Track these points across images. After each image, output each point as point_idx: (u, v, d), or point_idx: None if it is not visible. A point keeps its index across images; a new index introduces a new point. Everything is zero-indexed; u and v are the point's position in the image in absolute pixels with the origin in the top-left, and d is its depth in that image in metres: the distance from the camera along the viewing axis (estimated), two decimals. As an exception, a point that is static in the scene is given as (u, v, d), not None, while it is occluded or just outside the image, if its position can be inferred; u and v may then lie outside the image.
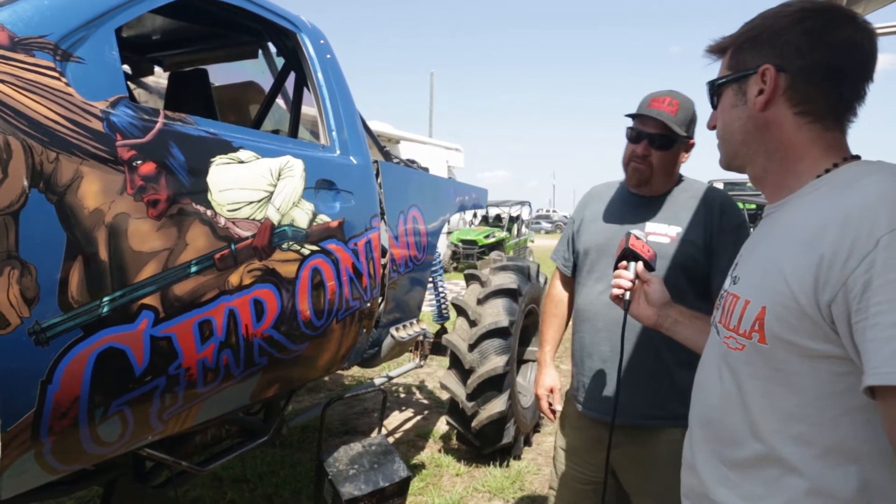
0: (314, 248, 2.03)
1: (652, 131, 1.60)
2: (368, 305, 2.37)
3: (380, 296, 2.54)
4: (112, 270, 1.38)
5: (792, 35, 0.88)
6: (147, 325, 1.46)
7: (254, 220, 1.78)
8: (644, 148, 1.61)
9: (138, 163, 1.45)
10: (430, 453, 3.64)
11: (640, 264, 1.34)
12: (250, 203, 1.78)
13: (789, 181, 0.91)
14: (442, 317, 3.76)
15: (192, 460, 2.05)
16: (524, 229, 17.44)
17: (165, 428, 1.64)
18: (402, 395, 4.87)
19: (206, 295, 1.62)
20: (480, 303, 3.41)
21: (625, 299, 1.33)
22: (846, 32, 0.85)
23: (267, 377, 1.93)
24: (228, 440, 2.25)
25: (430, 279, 3.44)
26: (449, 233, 13.53)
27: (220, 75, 2.97)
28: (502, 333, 3.26)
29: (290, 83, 2.70)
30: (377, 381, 3.14)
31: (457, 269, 13.64)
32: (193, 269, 1.58)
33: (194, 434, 2.05)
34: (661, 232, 1.63)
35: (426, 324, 3.26)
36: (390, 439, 3.79)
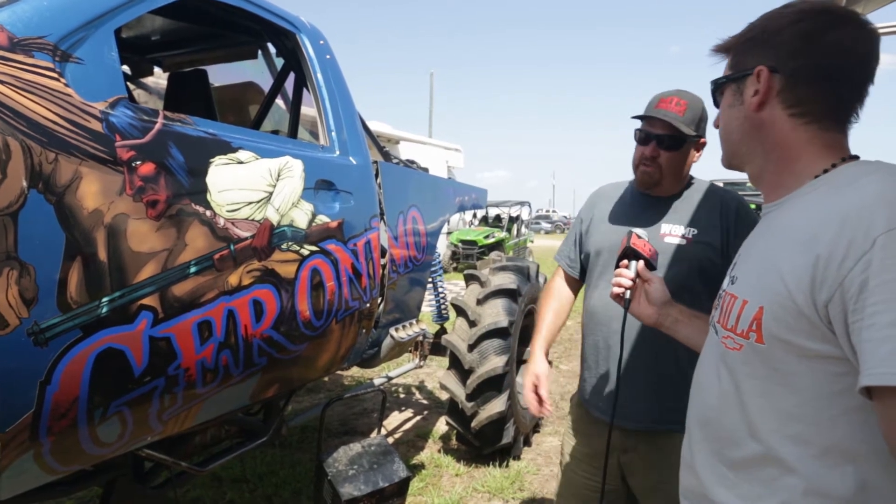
0: (313, 248, 2.03)
1: (660, 132, 1.60)
2: (368, 306, 2.37)
3: (379, 296, 2.54)
4: (111, 271, 1.38)
5: (786, 37, 0.89)
6: (146, 325, 1.46)
7: (253, 220, 1.78)
8: (653, 149, 1.61)
9: (137, 163, 1.45)
10: (429, 453, 3.64)
11: (640, 263, 1.34)
12: (249, 203, 1.78)
13: (786, 181, 0.91)
14: (441, 317, 3.76)
15: (192, 461, 2.05)
16: (524, 229, 17.44)
17: (165, 428, 1.64)
18: (401, 396, 4.87)
19: (205, 295, 1.62)
20: (480, 303, 3.41)
21: (625, 298, 1.33)
22: (840, 34, 0.85)
23: (266, 377, 1.93)
24: (228, 440, 2.25)
25: (430, 279, 3.44)
26: (448, 233, 13.53)
27: (220, 76, 2.98)
28: (502, 334, 3.26)
29: (289, 84, 2.70)
30: (377, 382, 3.14)
31: (456, 269, 13.64)
32: (193, 269, 1.58)
33: (194, 434, 2.05)
34: (677, 233, 1.62)
35: (426, 324, 3.26)
36: (390, 439, 3.79)
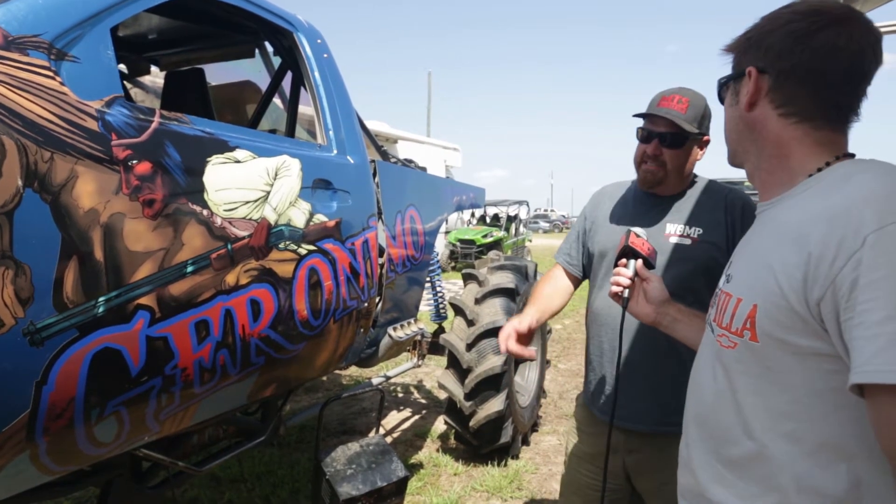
0: (311, 247, 2.03)
1: (662, 130, 1.59)
2: (366, 305, 2.37)
3: (377, 295, 2.53)
4: (107, 270, 1.37)
5: (776, 38, 0.89)
6: (143, 325, 1.46)
7: (250, 219, 1.78)
8: (655, 147, 1.60)
9: (134, 162, 1.45)
10: (427, 453, 3.64)
11: (639, 262, 1.34)
12: (247, 203, 1.77)
13: (780, 179, 0.92)
14: (440, 316, 3.76)
15: (190, 460, 2.05)
16: (522, 229, 17.45)
17: (162, 428, 1.64)
18: (399, 395, 4.87)
19: (202, 295, 1.61)
20: (478, 302, 3.41)
21: (623, 297, 1.33)
22: (831, 34, 0.85)
23: (264, 377, 1.92)
24: (226, 440, 2.25)
25: (428, 279, 3.44)
26: (447, 232, 13.54)
27: (217, 75, 2.97)
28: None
29: (286, 82, 2.69)
30: (375, 381, 3.13)
31: (455, 268, 13.65)
32: (189, 268, 1.57)
33: (191, 434, 2.05)
34: (681, 233, 1.61)
35: (424, 323, 3.26)
36: (388, 439, 3.79)
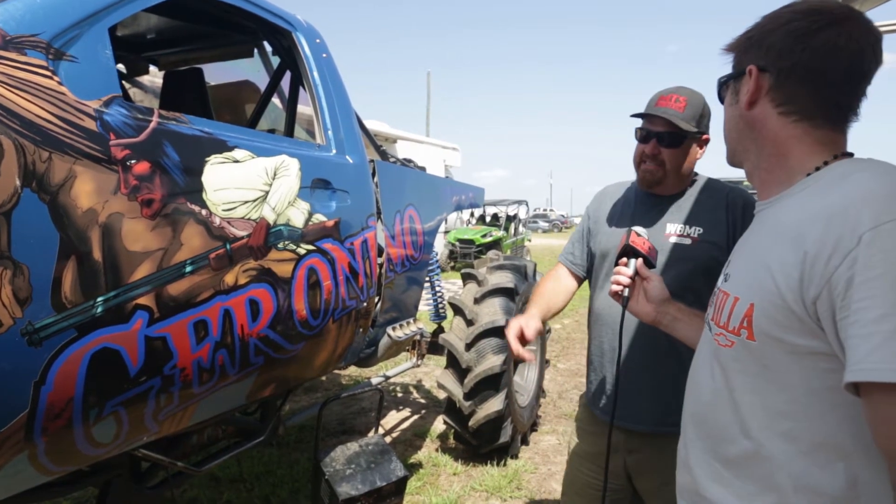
0: (310, 247, 2.03)
1: (660, 129, 1.59)
2: (365, 305, 2.37)
3: (376, 295, 2.53)
4: (106, 270, 1.37)
5: (777, 37, 0.89)
6: (142, 325, 1.46)
7: (249, 219, 1.78)
8: (653, 147, 1.60)
9: (132, 162, 1.44)
10: (427, 452, 3.64)
11: (639, 261, 1.34)
12: (246, 202, 1.77)
13: (778, 178, 0.92)
14: (439, 316, 3.76)
15: (189, 461, 2.05)
16: (521, 228, 17.45)
17: (161, 428, 1.63)
18: (399, 395, 4.87)
19: (201, 295, 1.61)
20: (477, 302, 3.41)
21: (623, 296, 1.33)
22: (831, 34, 0.85)
23: (263, 377, 1.92)
24: (225, 440, 2.24)
25: (427, 278, 3.44)
26: (446, 232, 13.53)
27: (216, 74, 2.97)
28: (499, 332, 3.25)
29: (285, 82, 2.69)
30: (374, 381, 3.12)
31: (454, 268, 13.65)
32: (188, 268, 1.57)
33: (191, 434, 2.04)
34: (682, 233, 1.61)
35: (423, 323, 3.26)
36: (387, 438, 3.79)
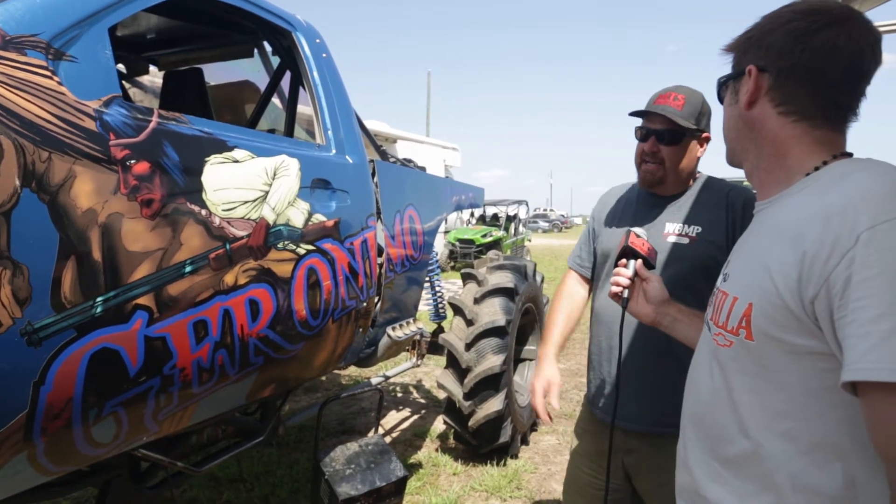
0: (310, 247, 2.03)
1: (659, 127, 1.60)
2: (365, 305, 2.37)
3: (376, 295, 2.53)
4: (105, 270, 1.37)
5: (777, 37, 0.90)
6: (141, 325, 1.46)
7: (249, 219, 1.77)
8: (652, 145, 1.61)
9: (132, 162, 1.44)
10: (427, 452, 3.64)
11: (639, 262, 1.34)
12: (245, 202, 1.77)
13: (778, 178, 0.92)
14: (439, 316, 3.76)
15: (189, 461, 2.05)
16: (521, 228, 17.45)
17: (161, 428, 1.63)
18: (399, 395, 4.87)
19: (200, 295, 1.61)
20: (477, 302, 3.40)
21: (623, 297, 1.33)
22: (831, 34, 0.85)
23: (263, 377, 1.92)
24: (225, 440, 2.24)
25: (427, 278, 3.44)
26: (446, 232, 13.53)
27: (216, 74, 2.97)
28: (499, 332, 3.26)
29: (285, 82, 2.69)
30: (374, 381, 3.12)
31: (454, 268, 13.64)
32: (188, 268, 1.57)
33: (190, 434, 2.04)
34: (680, 232, 1.61)
35: (423, 323, 3.26)
36: (387, 438, 3.79)
